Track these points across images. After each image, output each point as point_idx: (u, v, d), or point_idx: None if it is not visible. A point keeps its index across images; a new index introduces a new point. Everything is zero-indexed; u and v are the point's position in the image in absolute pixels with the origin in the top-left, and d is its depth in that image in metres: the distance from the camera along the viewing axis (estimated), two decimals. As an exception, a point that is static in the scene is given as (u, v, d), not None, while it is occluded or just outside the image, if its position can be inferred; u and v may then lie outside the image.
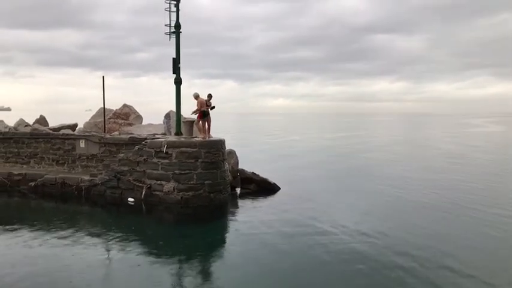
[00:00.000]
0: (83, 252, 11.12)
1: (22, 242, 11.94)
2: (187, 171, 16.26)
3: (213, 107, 17.80)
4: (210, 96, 17.66)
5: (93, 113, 25.41)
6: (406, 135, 68.29)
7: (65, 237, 12.31)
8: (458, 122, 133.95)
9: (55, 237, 12.38)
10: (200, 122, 17.45)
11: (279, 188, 19.24)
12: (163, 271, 9.97)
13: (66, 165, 19.88)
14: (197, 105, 17.41)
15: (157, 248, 11.77)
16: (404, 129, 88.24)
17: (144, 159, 16.89)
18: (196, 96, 17.50)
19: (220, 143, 17.29)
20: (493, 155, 35.63)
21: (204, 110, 17.33)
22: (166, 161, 16.42)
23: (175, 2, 18.35)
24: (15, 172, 19.63)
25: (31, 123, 23.77)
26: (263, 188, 19.12)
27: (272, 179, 19.64)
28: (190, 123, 18.46)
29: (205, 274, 10.03)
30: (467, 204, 16.41)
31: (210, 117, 17.82)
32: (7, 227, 13.39)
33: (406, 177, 23.26)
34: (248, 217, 14.88)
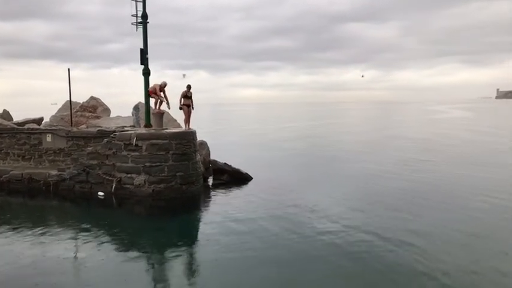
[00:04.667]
0: (52, 248, 10.88)
1: (-12, 240, 11.60)
2: (158, 164, 16.09)
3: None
4: (189, 86, 17.77)
5: (59, 106, 24.79)
6: (373, 122, 69.54)
7: (33, 233, 12.00)
8: (425, 108, 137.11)
9: (23, 233, 12.05)
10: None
11: (252, 178, 19.31)
12: (135, 265, 9.87)
13: (32, 160, 19.35)
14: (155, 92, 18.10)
15: (129, 241, 11.63)
16: (371, 117, 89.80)
17: (114, 152, 16.61)
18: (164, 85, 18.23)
19: (192, 134, 17.16)
20: (452, 139, 36.69)
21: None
22: (136, 153, 16.19)
23: (141, -8, 18.03)
24: (-21, 169, 18.97)
25: (-6, 118, 22.97)
26: (236, 178, 19.13)
27: (244, 169, 19.67)
28: (160, 114, 18.27)
29: (178, 267, 9.96)
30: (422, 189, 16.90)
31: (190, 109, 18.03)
32: (-29, 225, 12.96)
33: (376, 165, 23.69)
34: (221, 208, 14.86)
